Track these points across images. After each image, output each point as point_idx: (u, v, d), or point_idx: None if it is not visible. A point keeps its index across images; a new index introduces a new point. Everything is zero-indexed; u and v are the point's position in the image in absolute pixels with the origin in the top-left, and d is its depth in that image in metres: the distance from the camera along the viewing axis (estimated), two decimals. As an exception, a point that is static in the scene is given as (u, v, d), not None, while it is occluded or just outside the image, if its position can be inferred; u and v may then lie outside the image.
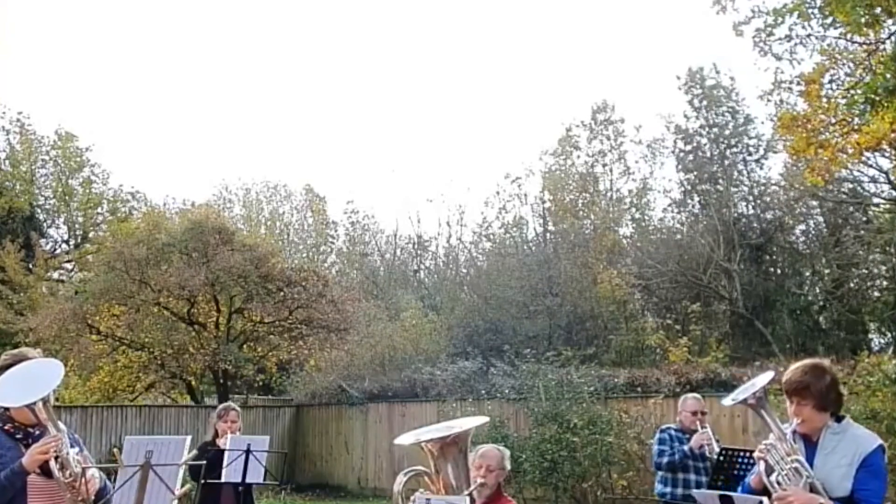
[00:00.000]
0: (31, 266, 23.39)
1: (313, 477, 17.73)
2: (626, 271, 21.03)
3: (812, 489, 3.43)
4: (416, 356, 18.79)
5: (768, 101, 13.40)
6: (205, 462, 5.72)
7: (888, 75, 9.76)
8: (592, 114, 26.37)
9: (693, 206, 23.94)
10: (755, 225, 22.10)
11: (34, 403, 3.43)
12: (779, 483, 3.46)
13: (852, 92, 11.13)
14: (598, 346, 18.81)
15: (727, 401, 3.89)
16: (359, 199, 50.07)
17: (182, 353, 16.75)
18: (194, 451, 5.82)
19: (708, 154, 23.20)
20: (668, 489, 6.43)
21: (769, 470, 3.51)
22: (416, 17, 45.54)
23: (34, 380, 3.48)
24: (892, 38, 11.28)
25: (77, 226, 27.53)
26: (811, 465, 3.49)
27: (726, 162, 22.77)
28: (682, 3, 38.65)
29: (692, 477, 6.31)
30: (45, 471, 3.45)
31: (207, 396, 19.73)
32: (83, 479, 3.46)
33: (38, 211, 26.90)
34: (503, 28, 45.50)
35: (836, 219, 21.08)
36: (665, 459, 6.39)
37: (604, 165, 26.42)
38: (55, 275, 25.37)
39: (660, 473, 6.53)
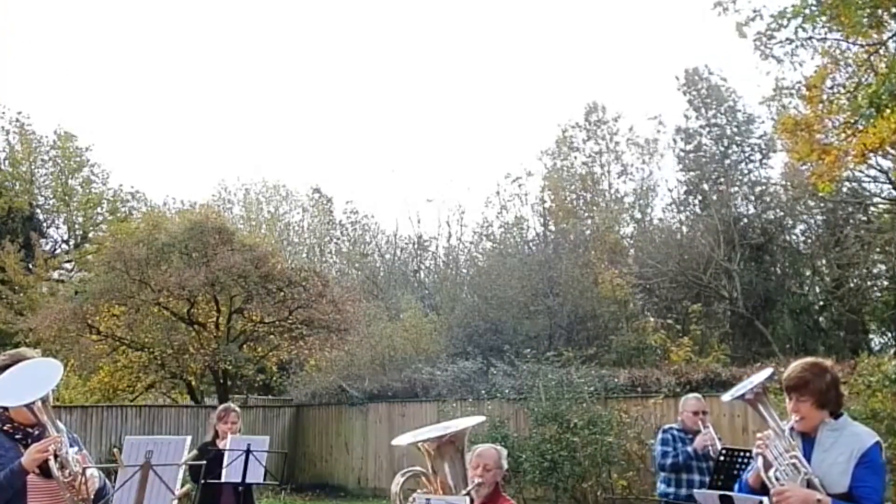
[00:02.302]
0: (30, 266, 23.38)
1: (313, 477, 17.73)
2: (626, 271, 21.02)
3: (809, 485, 3.42)
4: (416, 356, 18.78)
5: (769, 105, 13.40)
6: (205, 462, 5.73)
7: (893, 78, 9.70)
8: (585, 115, 26.49)
9: (694, 206, 23.95)
10: (755, 225, 22.09)
11: (33, 403, 3.44)
12: (777, 478, 3.46)
13: (855, 94, 11.09)
14: (598, 346, 18.79)
15: (726, 397, 3.89)
16: (359, 199, 50.08)
17: (182, 353, 16.73)
18: (194, 452, 5.85)
19: (708, 154, 23.20)
20: (672, 489, 6.40)
21: (767, 465, 3.51)
22: (417, 17, 45.59)
23: (33, 380, 3.49)
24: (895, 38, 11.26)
25: (77, 226, 27.50)
26: (808, 461, 3.49)
27: (727, 162, 22.78)
28: (681, 3, 38.68)
29: (696, 477, 6.28)
30: (44, 470, 3.44)
31: (207, 396, 19.70)
32: (82, 479, 3.46)
33: (38, 211, 26.87)
34: (502, 29, 45.55)
35: (837, 219, 21.07)
36: (669, 461, 6.36)
37: (601, 166, 26.48)
38: (55, 275, 25.33)
39: (663, 474, 6.50)
